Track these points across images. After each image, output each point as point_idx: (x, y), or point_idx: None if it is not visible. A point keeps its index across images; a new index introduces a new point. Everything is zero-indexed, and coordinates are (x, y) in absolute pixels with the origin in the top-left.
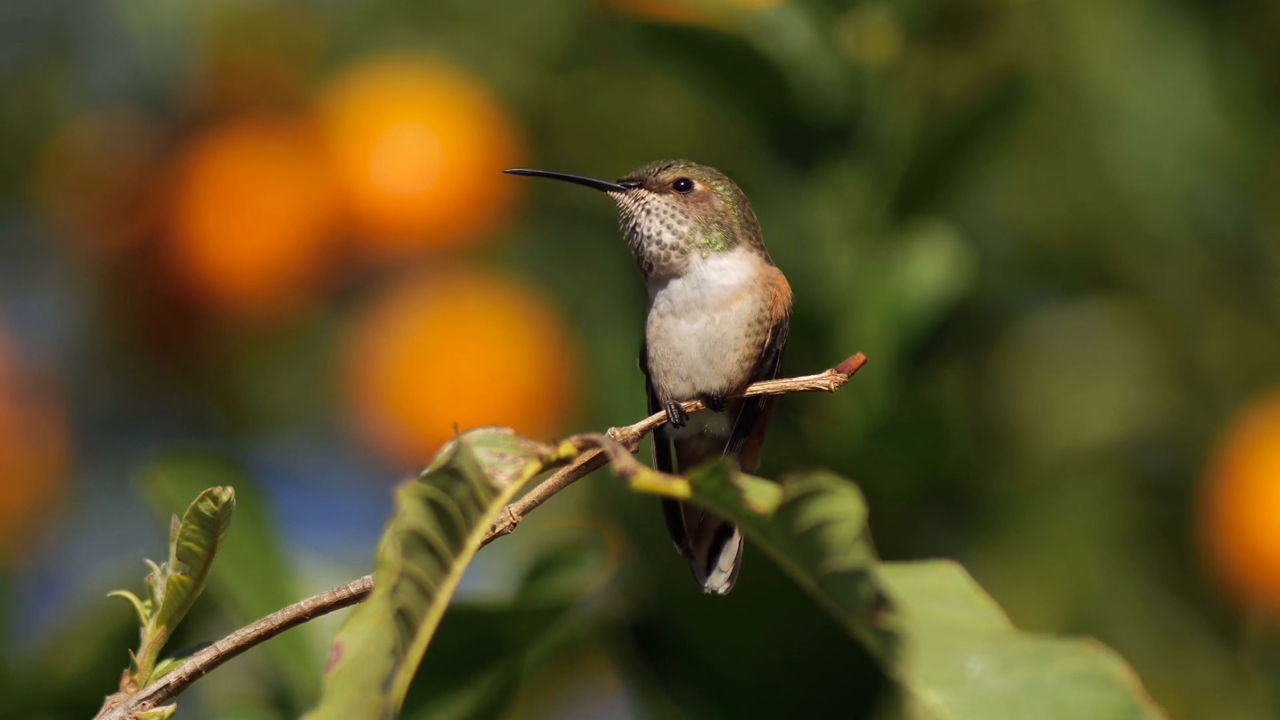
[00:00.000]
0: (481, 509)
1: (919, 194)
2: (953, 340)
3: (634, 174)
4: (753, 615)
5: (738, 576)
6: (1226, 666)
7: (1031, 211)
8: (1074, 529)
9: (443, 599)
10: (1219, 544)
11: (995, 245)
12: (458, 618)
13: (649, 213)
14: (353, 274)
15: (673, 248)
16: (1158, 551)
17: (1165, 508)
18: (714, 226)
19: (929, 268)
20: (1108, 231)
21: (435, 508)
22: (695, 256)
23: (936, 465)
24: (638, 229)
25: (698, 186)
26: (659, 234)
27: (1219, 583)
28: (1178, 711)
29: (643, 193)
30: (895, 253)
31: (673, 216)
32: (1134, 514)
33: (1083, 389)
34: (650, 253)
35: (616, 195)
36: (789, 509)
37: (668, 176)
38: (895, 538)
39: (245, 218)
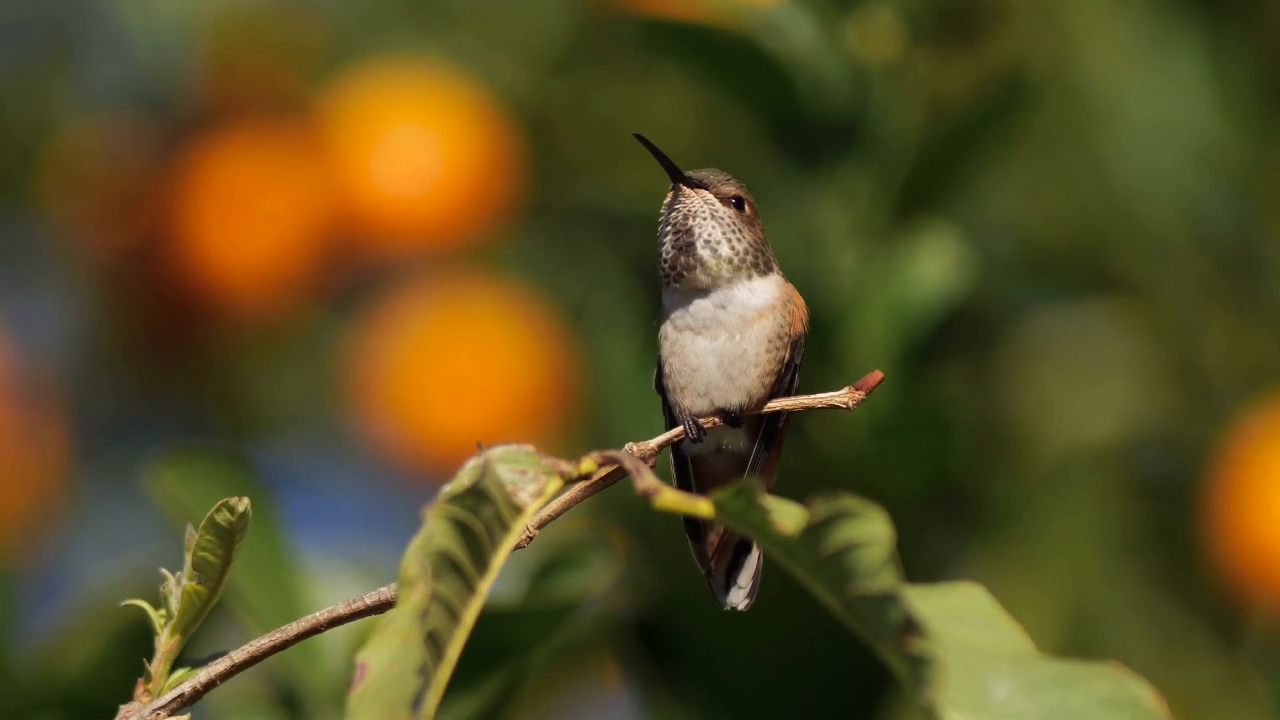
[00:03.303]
0: (506, 528)
1: (922, 193)
2: (955, 340)
3: (696, 173)
4: (757, 615)
5: (757, 592)
6: (1226, 667)
7: (1032, 212)
8: (1074, 529)
9: (469, 619)
10: (1219, 544)
11: (995, 245)
12: None
13: (714, 218)
14: (353, 275)
15: (727, 261)
16: (1157, 552)
17: (1165, 508)
18: (760, 252)
19: (933, 267)
20: (1108, 232)
21: (463, 529)
22: (741, 276)
23: (940, 464)
24: (698, 230)
25: (747, 210)
26: (718, 243)
27: (1219, 583)
28: (1178, 712)
29: (709, 195)
30: (899, 252)
31: (734, 232)
32: (1134, 514)
33: (1082, 389)
34: (700, 255)
35: (684, 189)
36: (815, 531)
37: (729, 190)
38: (900, 538)
39: (245, 219)
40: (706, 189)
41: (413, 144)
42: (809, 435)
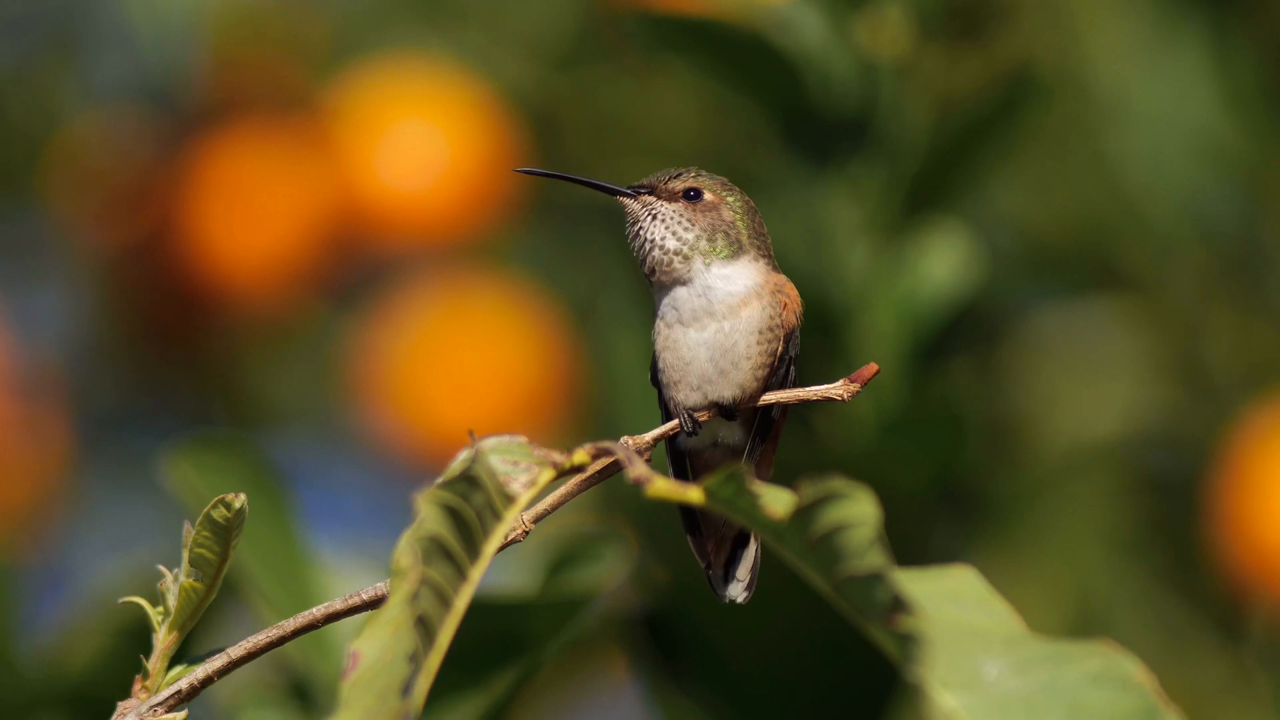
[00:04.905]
0: (498, 516)
1: (931, 190)
2: (963, 337)
3: (644, 181)
4: (764, 609)
5: (755, 585)
6: (1230, 664)
7: (1037, 209)
8: (1078, 526)
9: (461, 605)
10: (1222, 541)
11: (1001, 242)
12: (480, 612)
13: (655, 218)
14: (357, 270)
15: (676, 253)
16: (1161, 549)
17: (1169, 505)
18: (720, 235)
19: (942, 264)
20: (1112, 229)
21: (453, 515)
22: (699, 263)
23: (950, 461)
24: (643, 234)
25: (707, 196)
26: (663, 239)
27: (1222, 580)
28: (1181, 709)
29: (651, 199)
30: (908, 248)
31: (679, 223)
32: (1138, 511)
33: (1087, 386)
34: (654, 257)
35: (625, 200)
36: (804, 514)
37: (678, 185)
38: (908, 534)
39: (250, 214)
40: (652, 192)
41: (418, 139)
42: (818, 432)
